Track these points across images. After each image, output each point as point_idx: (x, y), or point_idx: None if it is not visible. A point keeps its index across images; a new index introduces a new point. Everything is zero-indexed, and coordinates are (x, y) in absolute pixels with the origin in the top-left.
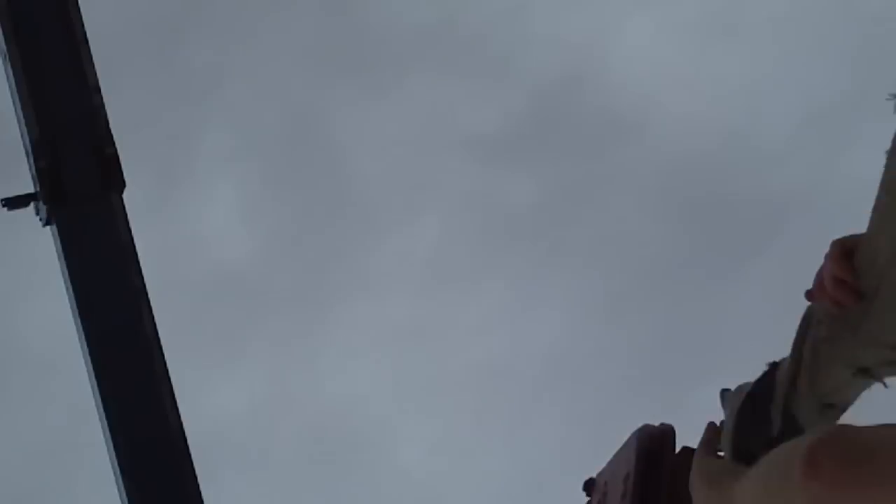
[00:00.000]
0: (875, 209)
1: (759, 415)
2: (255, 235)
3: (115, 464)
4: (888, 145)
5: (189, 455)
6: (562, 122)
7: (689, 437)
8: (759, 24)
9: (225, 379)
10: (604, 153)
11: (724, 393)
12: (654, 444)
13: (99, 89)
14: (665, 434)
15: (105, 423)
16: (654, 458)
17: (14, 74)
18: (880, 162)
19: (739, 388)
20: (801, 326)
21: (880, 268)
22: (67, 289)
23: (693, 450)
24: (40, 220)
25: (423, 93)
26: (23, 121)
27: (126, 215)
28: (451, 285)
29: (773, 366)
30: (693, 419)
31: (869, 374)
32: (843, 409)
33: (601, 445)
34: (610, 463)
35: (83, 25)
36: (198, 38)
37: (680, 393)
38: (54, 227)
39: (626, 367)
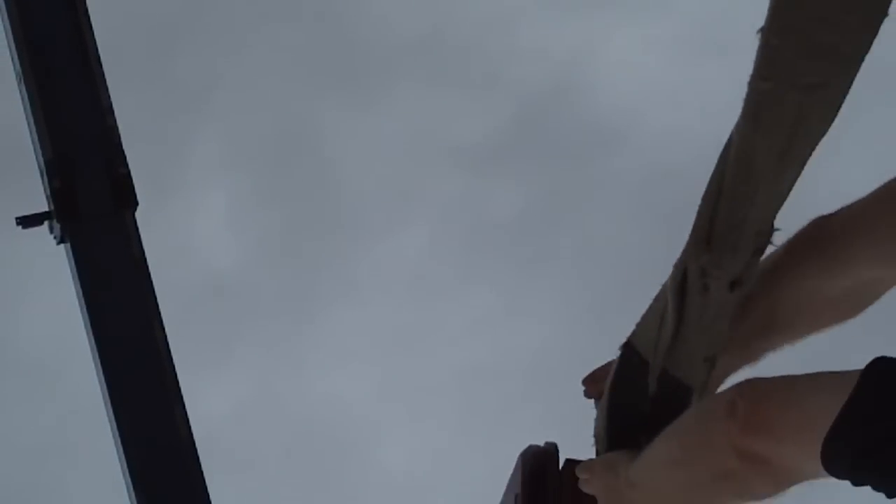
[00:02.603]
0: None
1: (630, 392)
2: (244, 242)
3: (128, 477)
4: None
5: (200, 469)
6: (547, 132)
7: None
8: (743, 39)
9: (212, 383)
10: (588, 163)
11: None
12: (538, 461)
13: (112, 110)
14: (548, 452)
15: (117, 437)
16: (539, 475)
17: (28, 95)
18: (860, 176)
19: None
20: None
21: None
22: (80, 305)
23: (577, 461)
24: (54, 238)
25: (411, 103)
26: (37, 141)
27: (139, 233)
28: (437, 291)
29: (627, 345)
30: None
31: None
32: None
33: (584, 450)
34: (504, 493)
35: (97, 47)
36: (189, 49)
37: None
38: (68, 244)
39: None
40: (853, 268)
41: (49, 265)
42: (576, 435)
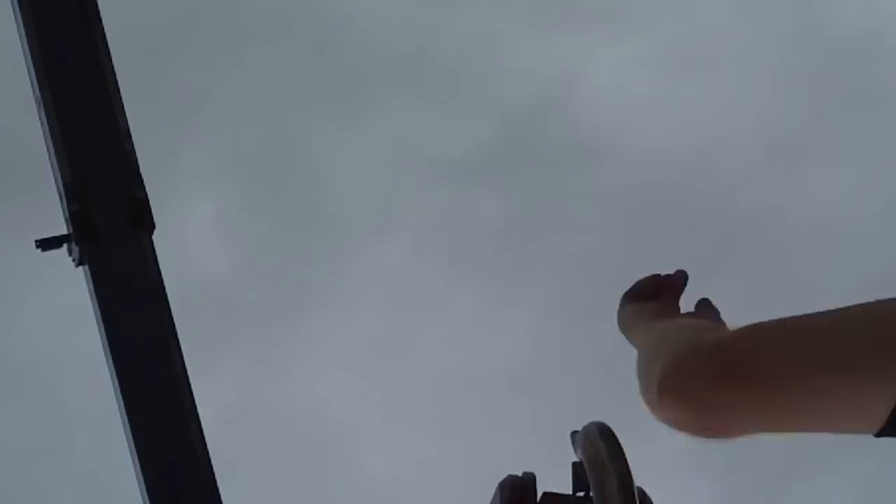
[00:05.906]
0: None
1: None
2: (232, 251)
3: (144, 494)
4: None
5: (216, 485)
6: (530, 147)
7: None
8: (722, 59)
9: (199, 389)
10: (569, 177)
11: (574, 435)
12: (515, 493)
13: (129, 135)
14: (526, 482)
15: (135, 455)
16: None
17: (48, 120)
18: (835, 188)
19: (585, 428)
20: None
21: None
22: (99, 326)
23: (553, 494)
24: (73, 260)
25: (397, 117)
26: (56, 165)
27: (156, 255)
28: (421, 300)
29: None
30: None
31: None
32: None
33: (566, 457)
34: None
35: (115, 74)
36: (180, 64)
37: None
38: (86, 266)
39: (590, 381)
40: None
41: (48, 270)
42: (559, 439)
